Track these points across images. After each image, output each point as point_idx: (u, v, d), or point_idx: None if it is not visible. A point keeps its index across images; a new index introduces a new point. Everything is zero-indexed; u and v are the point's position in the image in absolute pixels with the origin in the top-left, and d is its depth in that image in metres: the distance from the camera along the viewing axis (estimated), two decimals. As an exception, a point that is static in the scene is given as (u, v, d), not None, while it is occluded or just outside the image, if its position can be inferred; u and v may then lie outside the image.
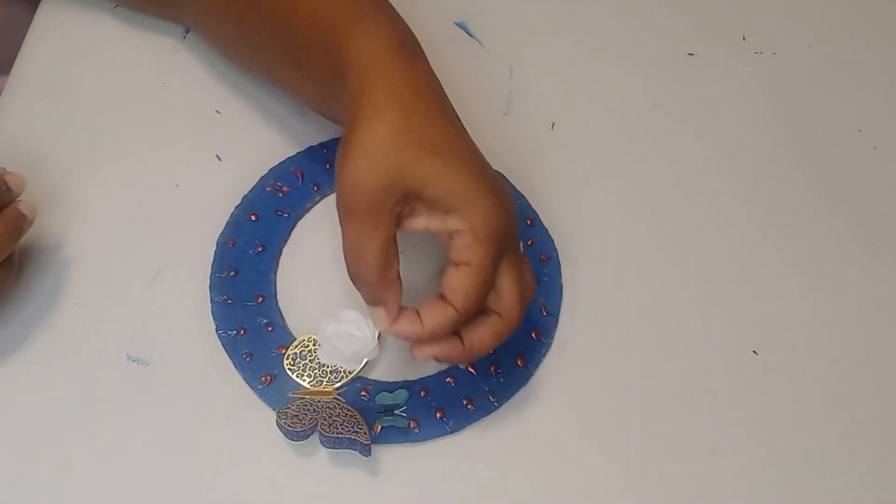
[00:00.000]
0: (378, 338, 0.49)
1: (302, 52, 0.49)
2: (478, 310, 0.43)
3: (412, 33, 0.48)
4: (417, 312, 0.43)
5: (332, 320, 0.50)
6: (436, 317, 0.43)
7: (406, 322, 0.43)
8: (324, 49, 0.47)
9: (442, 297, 0.43)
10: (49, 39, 0.62)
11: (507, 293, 0.44)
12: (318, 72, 0.49)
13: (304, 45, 0.48)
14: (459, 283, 0.42)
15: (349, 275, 0.43)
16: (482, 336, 0.44)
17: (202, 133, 0.59)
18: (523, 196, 0.57)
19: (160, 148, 0.58)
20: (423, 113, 0.43)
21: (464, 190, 0.42)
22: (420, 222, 0.44)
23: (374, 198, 0.41)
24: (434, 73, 0.47)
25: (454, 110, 0.47)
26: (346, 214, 0.42)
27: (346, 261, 0.43)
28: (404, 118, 0.42)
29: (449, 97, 0.47)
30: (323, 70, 0.48)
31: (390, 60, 0.44)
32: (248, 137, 0.59)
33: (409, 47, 0.46)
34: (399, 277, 0.44)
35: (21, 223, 0.49)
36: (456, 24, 0.64)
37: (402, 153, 0.41)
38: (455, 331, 0.44)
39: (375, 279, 0.43)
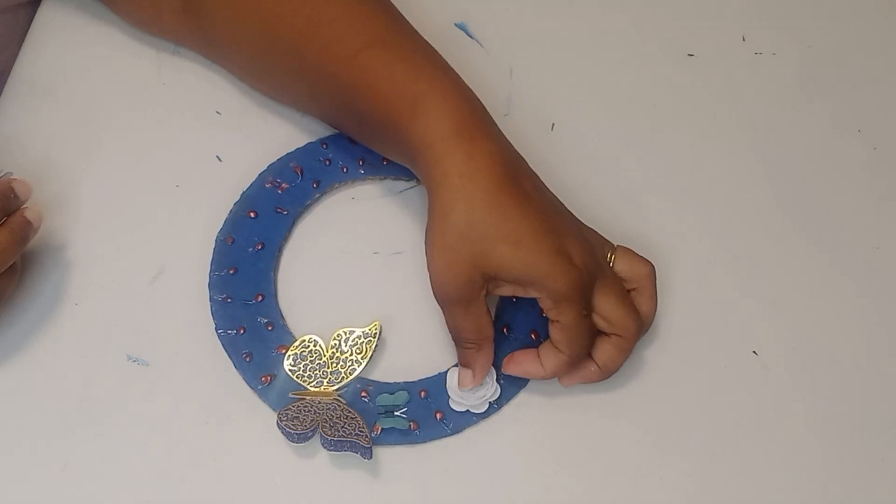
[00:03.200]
0: (498, 380, 0.52)
1: (369, 131, 0.54)
2: (586, 350, 0.49)
3: (472, 96, 0.50)
4: (539, 354, 0.50)
5: (455, 371, 0.51)
6: (552, 361, 0.50)
7: (530, 365, 0.50)
8: (389, 132, 0.51)
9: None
10: (49, 40, 0.62)
11: (612, 318, 0.49)
12: (389, 148, 0.54)
13: (370, 124, 0.52)
14: (559, 337, 0.49)
15: (452, 337, 0.50)
16: (611, 356, 0.50)
17: (202, 134, 0.59)
18: (523, 196, 0.57)
19: (160, 148, 0.58)
20: (485, 202, 0.47)
21: (532, 267, 0.47)
22: (506, 290, 0.48)
23: (460, 292, 0.47)
24: (496, 139, 0.49)
25: (521, 166, 0.50)
26: (440, 303, 0.49)
27: (450, 330, 0.50)
28: (469, 215, 0.47)
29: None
30: (392, 148, 0.53)
31: (452, 148, 0.47)
32: (248, 138, 0.59)
33: (468, 125, 0.48)
34: (492, 338, 0.50)
35: (27, 231, 0.49)
36: (456, 25, 0.64)
37: (473, 250, 0.47)
38: (573, 367, 0.50)
39: (475, 348, 0.49)
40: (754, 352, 0.54)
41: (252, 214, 0.55)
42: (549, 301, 0.47)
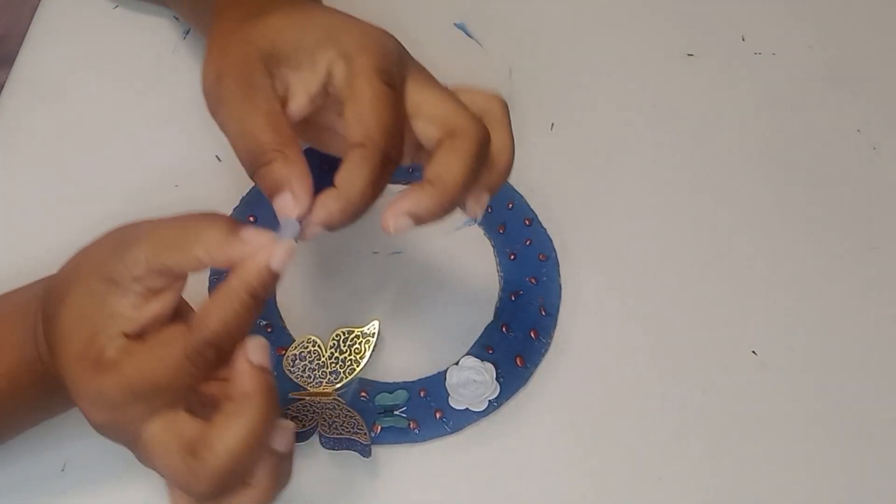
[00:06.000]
0: (497, 378, 0.51)
1: None
2: (395, 136, 0.36)
3: None
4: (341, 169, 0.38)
5: (455, 369, 0.51)
6: (350, 171, 0.36)
7: (324, 200, 0.37)
8: None
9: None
10: (49, 39, 0.62)
11: (441, 111, 0.37)
12: None
13: None
14: (358, 114, 0.36)
15: (247, 168, 0.38)
16: (446, 163, 0.36)
17: (202, 133, 0.58)
18: (522, 196, 0.57)
19: (160, 148, 0.58)
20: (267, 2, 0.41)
21: (314, 25, 0.37)
22: (300, 96, 0.38)
23: (237, 77, 0.37)
24: None
25: None
26: (217, 104, 0.38)
27: (239, 155, 0.38)
28: (246, 8, 0.40)
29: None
30: None
31: None
32: (247, 138, 0.59)
33: None
34: (303, 159, 0.37)
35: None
36: (455, 24, 0.64)
37: (244, 26, 0.38)
38: (381, 177, 0.36)
39: (272, 155, 0.36)
40: (753, 351, 0.54)
41: (251, 219, 0.55)
42: (341, 64, 0.37)
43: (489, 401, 0.51)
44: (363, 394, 0.51)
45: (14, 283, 0.53)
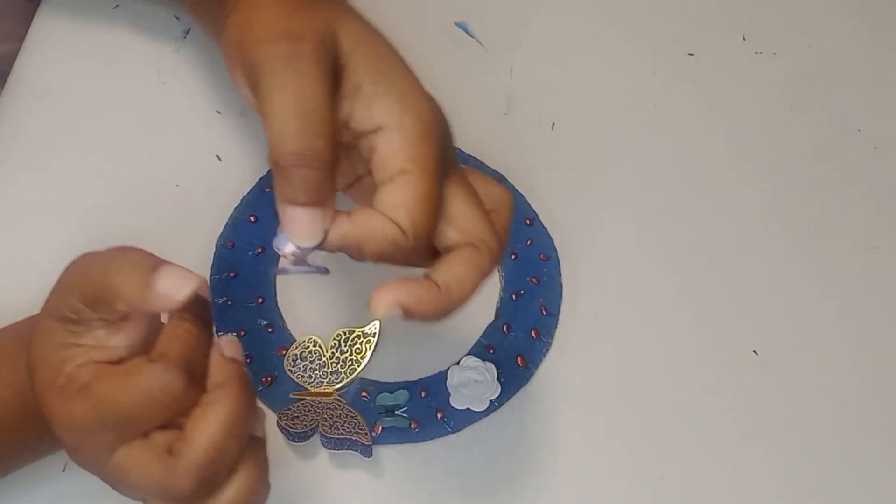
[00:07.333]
0: (498, 378, 0.51)
1: None
2: (428, 233, 0.34)
3: None
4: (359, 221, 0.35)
5: (456, 369, 0.51)
6: (373, 224, 0.33)
7: (339, 225, 0.34)
8: None
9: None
10: (49, 39, 0.62)
11: (469, 219, 0.36)
12: None
13: None
14: (399, 198, 0.33)
15: (283, 146, 0.33)
16: (459, 273, 0.35)
17: (202, 133, 0.59)
18: (523, 196, 0.57)
19: (160, 148, 0.58)
20: None
21: (393, 70, 0.35)
22: (342, 108, 0.35)
23: (315, 41, 0.32)
24: None
25: None
26: (286, 61, 0.32)
27: (280, 128, 0.32)
28: None
29: (449, 97, 0.47)
30: None
31: None
32: (248, 138, 0.59)
33: None
34: (337, 153, 0.34)
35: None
36: (456, 24, 0.64)
37: (323, 5, 0.34)
38: (400, 258, 0.35)
39: (323, 162, 0.33)
40: (754, 351, 0.54)
41: (252, 218, 0.55)
42: (397, 135, 0.34)
43: (490, 400, 0.51)
44: (364, 394, 0.51)
45: (14, 283, 0.53)
